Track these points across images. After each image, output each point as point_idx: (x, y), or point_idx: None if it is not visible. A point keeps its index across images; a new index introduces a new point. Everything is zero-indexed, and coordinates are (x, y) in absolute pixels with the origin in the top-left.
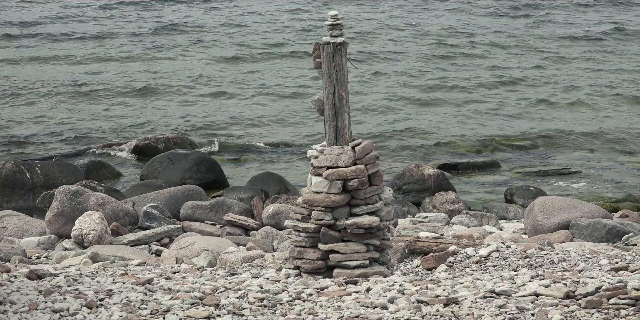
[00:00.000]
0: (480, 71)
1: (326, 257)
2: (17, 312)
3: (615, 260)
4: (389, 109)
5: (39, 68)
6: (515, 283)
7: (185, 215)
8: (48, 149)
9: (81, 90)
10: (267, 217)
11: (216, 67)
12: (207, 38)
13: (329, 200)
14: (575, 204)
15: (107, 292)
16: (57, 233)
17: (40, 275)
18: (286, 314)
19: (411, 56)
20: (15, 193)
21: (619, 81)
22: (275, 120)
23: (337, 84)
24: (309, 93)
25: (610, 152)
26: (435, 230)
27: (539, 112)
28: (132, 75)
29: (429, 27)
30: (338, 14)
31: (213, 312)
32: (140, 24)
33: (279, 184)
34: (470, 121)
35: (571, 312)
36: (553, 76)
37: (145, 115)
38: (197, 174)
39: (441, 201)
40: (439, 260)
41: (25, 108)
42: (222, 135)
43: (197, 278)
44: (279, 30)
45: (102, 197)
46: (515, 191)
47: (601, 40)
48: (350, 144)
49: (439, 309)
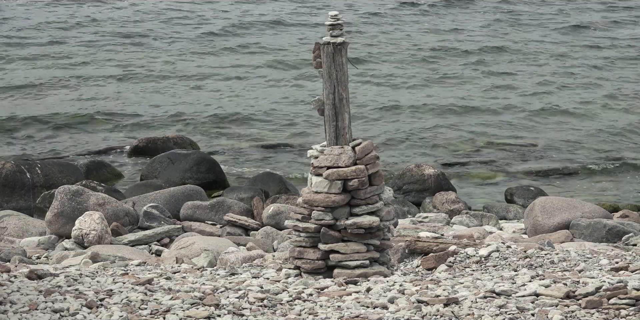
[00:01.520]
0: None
1: (326, 257)
2: (17, 312)
3: (616, 260)
4: (389, 108)
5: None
6: (515, 283)
7: (185, 215)
8: (48, 150)
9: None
10: (267, 217)
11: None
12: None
13: (329, 200)
14: (576, 204)
15: (107, 292)
16: (57, 233)
17: (40, 275)
18: (286, 314)
19: (410, 57)
20: (15, 193)
21: (619, 82)
22: (275, 120)
23: (337, 84)
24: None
25: (610, 152)
26: (435, 230)
27: (539, 112)
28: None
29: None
30: (338, 14)
31: (213, 312)
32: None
33: (279, 184)
34: (470, 121)
35: (571, 312)
36: (553, 76)
37: (145, 112)
38: (197, 174)
39: (441, 201)
40: (439, 260)
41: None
42: (222, 135)
43: (197, 278)
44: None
45: (102, 197)
46: (515, 191)
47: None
48: (351, 144)
49: (439, 309)
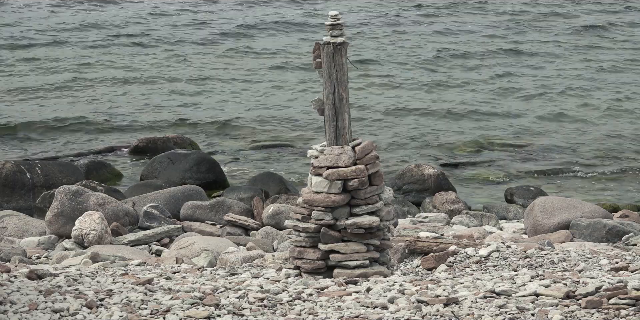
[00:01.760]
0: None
1: (326, 257)
2: (17, 312)
3: (616, 260)
4: (390, 109)
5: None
6: (515, 283)
7: (185, 215)
8: (48, 150)
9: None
10: (267, 217)
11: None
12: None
13: (329, 200)
14: (575, 204)
15: (107, 292)
16: (57, 233)
17: (40, 275)
18: (286, 314)
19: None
20: (15, 193)
21: (619, 83)
22: (275, 119)
23: (337, 84)
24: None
25: (611, 151)
26: (435, 230)
27: (540, 112)
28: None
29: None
30: (338, 14)
31: (213, 312)
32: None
33: (279, 184)
34: (470, 121)
35: (571, 312)
36: (554, 76)
37: (144, 111)
38: (197, 174)
39: (441, 201)
40: (439, 260)
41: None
42: (222, 135)
43: (197, 278)
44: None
45: (102, 197)
46: (515, 191)
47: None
48: (351, 144)
49: (439, 309)
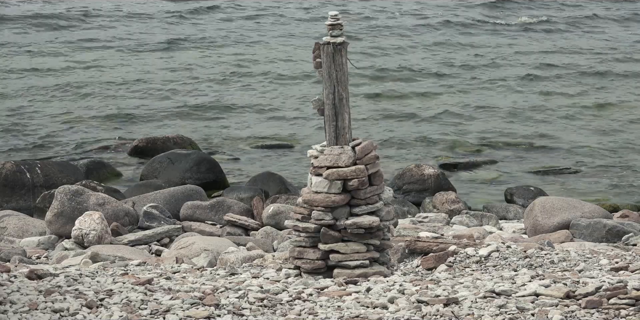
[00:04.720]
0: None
1: (326, 257)
2: (17, 312)
3: (615, 260)
4: (390, 109)
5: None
6: (515, 283)
7: (185, 215)
8: (48, 150)
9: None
10: (267, 217)
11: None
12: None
13: (329, 200)
14: (575, 204)
15: (107, 292)
16: (57, 233)
17: (40, 275)
18: (286, 314)
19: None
20: (15, 193)
21: (620, 84)
22: (275, 119)
23: (337, 84)
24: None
25: (611, 151)
26: (435, 230)
27: (540, 112)
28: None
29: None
30: (338, 13)
31: (213, 312)
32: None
33: (279, 184)
34: (469, 121)
35: (571, 312)
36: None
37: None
38: (197, 174)
39: (441, 201)
40: (439, 260)
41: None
42: (222, 135)
43: (197, 278)
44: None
45: (102, 197)
46: (515, 191)
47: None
48: (350, 144)
49: (439, 309)
